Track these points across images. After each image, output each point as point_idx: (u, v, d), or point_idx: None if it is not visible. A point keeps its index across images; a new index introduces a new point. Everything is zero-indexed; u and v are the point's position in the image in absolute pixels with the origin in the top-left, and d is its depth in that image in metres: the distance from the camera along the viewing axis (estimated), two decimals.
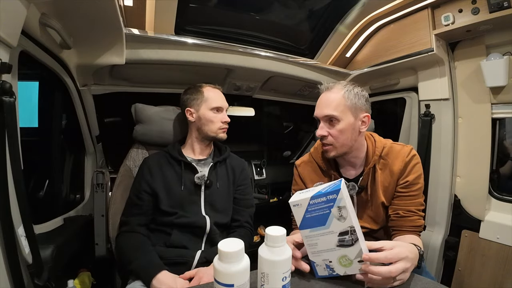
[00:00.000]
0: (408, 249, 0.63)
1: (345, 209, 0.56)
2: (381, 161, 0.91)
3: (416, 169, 0.88)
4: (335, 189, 0.56)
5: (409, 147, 0.92)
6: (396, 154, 0.90)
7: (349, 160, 0.93)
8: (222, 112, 1.10)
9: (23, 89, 0.78)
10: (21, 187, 0.66)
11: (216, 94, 1.10)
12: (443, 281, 1.40)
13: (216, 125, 1.08)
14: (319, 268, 0.62)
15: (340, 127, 0.85)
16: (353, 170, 0.95)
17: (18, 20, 0.63)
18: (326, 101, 0.87)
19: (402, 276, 0.59)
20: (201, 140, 1.10)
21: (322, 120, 0.88)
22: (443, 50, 1.31)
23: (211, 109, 1.07)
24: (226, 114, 1.12)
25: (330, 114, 0.85)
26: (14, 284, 0.63)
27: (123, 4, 1.03)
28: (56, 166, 1.19)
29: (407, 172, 0.88)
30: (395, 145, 0.92)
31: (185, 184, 1.02)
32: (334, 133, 0.86)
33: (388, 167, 0.90)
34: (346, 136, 0.86)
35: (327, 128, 0.87)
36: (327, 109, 0.86)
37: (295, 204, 0.60)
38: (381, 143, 0.93)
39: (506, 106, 1.22)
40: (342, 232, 0.57)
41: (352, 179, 0.93)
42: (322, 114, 0.87)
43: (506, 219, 1.21)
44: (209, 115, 1.07)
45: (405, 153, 0.89)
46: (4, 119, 0.59)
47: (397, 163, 0.88)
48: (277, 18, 1.47)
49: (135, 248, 0.91)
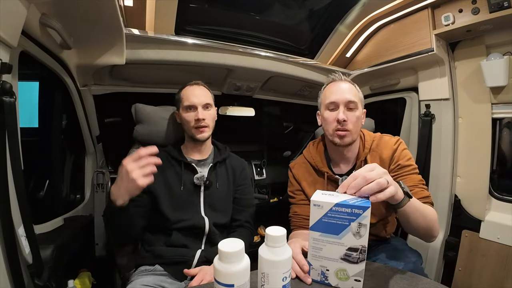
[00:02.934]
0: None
1: (365, 227, 0.55)
2: (372, 153, 0.94)
3: (405, 153, 0.92)
4: (364, 205, 0.55)
5: (397, 137, 0.96)
6: (384, 144, 0.94)
7: (345, 155, 0.96)
8: (195, 110, 1.02)
9: (23, 89, 0.78)
10: (22, 187, 0.66)
11: (188, 92, 1.04)
12: (443, 281, 1.39)
13: (190, 124, 1.02)
14: (313, 272, 0.62)
15: (357, 114, 0.91)
16: (345, 166, 0.98)
17: (18, 20, 0.63)
18: (345, 88, 0.92)
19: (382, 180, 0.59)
20: (192, 141, 1.07)
21: (342, 105, 0.90)
22: (443, 50, 1.31)
23: (185, 109, 1.03)
24: (206, 111, 1.03)
25: (352, 99, 0.89)
26: (14, 284, 0.63)
27: (123, 4, 1.03)
28: (57, 166, 1.19)
29: (397, 157, 0.91)
30: (384, 137, 0.97)
31: (185, 185, 1.01)
32: (353, 119, 0.90)
33: (378, 156, 0.93)
34: (359, 124, 0.92)
35: (347, 114, 0.90)
36: (349, 95, 0.90)
37: (316, 204, 0.58)
38: (370, 136, 0.97)
39: (506, 106, 1.22)
40: (352, 247, 0.56)
41: (345, 174, 0.96)
42: (345, 99, 0.89)
43: (506, 219, 1.21)
44: (183, 115, 1.03)
45: (393, 142, 0.94)
46: (4, 119, 0.59)
47: (386, 151, 0.92)
48: (277, 18, 1.47)
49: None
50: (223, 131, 1.26)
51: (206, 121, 1.02)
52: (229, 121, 1.79)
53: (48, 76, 1.02)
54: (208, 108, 1.05)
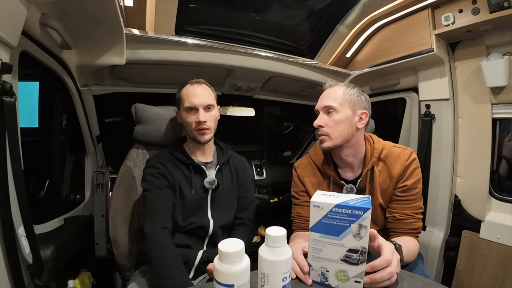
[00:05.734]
0: (389, 250, 0.63)
1: (365, 228, 0.55)
2: (380, 163, 0.91)
3: (416, 174, 0.89)
4: (364, 206, 0.55)
5: (409, 150, 0.91)
6: (395, 157, 0.90)
7: (346, 160, 0.93)
8: (196, 112, 0.97)
9: (23, 89, 0.78)
10: (22, 187, 0.66)
11: (189, 91, 0.98)
12: (443, 281, 1.39)
13: (191, 126, 0.98)
14: (313, 273, 0.62)
15: (337, 118, 0.89)
16: (351, 172, 0.95)
17: (18, 21, 0.63)
18: (327, 94, 0.93)
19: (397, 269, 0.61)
20: (194, 142, 1.03)
21: (321, 111, 0.92)
22: (443, 50, 1.31)
23: (185, 110, 0.98)
24: (208, 112, 0.99)
25: (329, 104, 0.89)
26: (14, 284, 0.63)
27: (123, 5, 1.03)
28: (57, 166, 1.19)
29: (407, 176, 0.88)
30: (395, 148, 0.92)
31: (196, 188, 0.98)
32: (330, 124, 0.89)
33: (387, 170, 0.90)
34: (342, 127, 0.88)
35: (324, 119, 0.90)
36: (326, 101, 0.91)
37: (316, 205, 0.58)
38: (379, 144, 0.93)
39: (507, 106, 1.22)
40: (352, 249, 0.56)
41: (351, 181, 0.93)
42: (321, 106, 0.92)
43: (506, 219, 1.21)
44: (184, 116, 0.99)
45: (405, 156, 0.89)
46: (5, 119, 0.60)
47: (397, 167, 0.88)
48: (277, 18, 1.47)
49: (170, 262, 0.83)
50: (223, 131, 1.26)
51: (207, 123, 0.97)
52: (229, 121, 1.79)
53: (48, 76, 1.02)
54: (210, 109, 0.99)
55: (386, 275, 0.57)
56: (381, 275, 0.57)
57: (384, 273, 0.58)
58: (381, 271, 0.58)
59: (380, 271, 0.58)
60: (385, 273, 0.58)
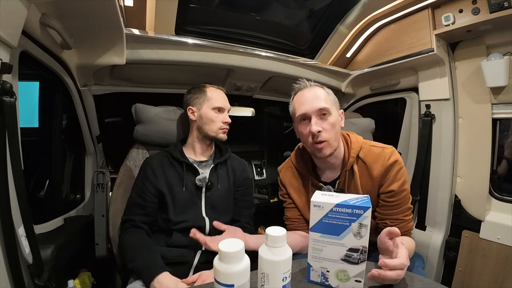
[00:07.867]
0: (406, 255, 0.62)
1: (365, 227, 0.55)
2: (360, 162, 0.87)
3: (400, 176, 0.83)
4: (364, 205, 0.55)
5: (390, 149, 0.86)
6: (375, 157, 0.85)
7: (329, 162, 0.90)
8: (223, 112, 1.11)
9: (23, 89, 0.78)
10: (22, 187, 0.66)
11: (219, 95, 1.11)
12: (443, 281, 1.39)
13: (217, 125, 1.08)
14: (313, 273, 0.62)
15: (332, 121, 0.83)
16: (331, 173, 0.92)
17: (18, 20, 0.63)
18: (314, 96, 0.85)
19: None
20: (201, 140, 1.10)
21: (314, 115, 0.84)
22: (443, 50, 1.31)
23: (213, 109, 1.08)
24: (228, 115, 1.12)
25: (323, 106, 0.83)
26: (14, 284, 0.63)
27: (123, 4, 1.03)
28: (57, 166, 1.19)
29: (390, 179, 0.83)
30: (374, 148, 0.87)
31: (187, 186, 1.02)
32: (328, 127, 0.83)
33: (367, 171, 0.86)
34: (336, 130, 0.85)
35: (320, 123, 0.83)
36: (318, 103, 0.83)
37: (316, 205, 0.58)
38: (357, 143, 0.89)
39: (507, 106, 1.22)
40: (352, 248, 0.56)
41: (329, 182, 0.91)
42: (314, 108, 0.83)
43: (506, 219, 1.21)
44: (210, 114, 1.08)
45: (385, 156, 0.83)
46: (5, 119, 0.59)
47: (376, 168, 0.84)
48: (277, 18, 1.47)
49: (138, 246, 0.90)
50: None
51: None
52: (230, 122, 1.79)
53: (48, 76, 1.02)
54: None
55: (395, 276, 0.57)
56: (391, 274, 0.57)
57: (394, 274, 0.57)
58: (393, 271, 0.57)
59: (392, 271, 0.58)
60: (395, 274, 0.57)
